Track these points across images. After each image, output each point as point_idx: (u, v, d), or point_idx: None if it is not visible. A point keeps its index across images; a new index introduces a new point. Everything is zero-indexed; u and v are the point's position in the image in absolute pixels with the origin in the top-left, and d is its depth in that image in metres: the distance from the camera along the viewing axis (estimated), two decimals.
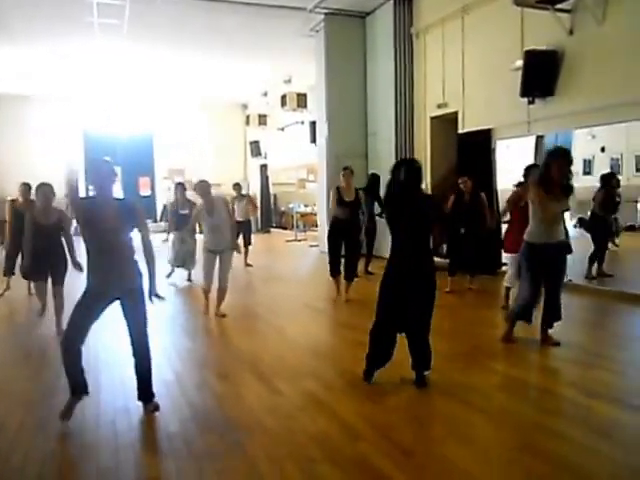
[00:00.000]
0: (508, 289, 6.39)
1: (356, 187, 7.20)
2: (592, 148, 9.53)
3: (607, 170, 8.69)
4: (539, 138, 8.58)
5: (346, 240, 7.05)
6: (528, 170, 6.14)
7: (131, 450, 3.23)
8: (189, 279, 8.89)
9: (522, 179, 6.11)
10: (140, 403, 3.72)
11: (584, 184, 8.06)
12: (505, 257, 7.15)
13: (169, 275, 8.87)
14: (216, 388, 4.22)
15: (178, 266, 8.86)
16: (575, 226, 8.07)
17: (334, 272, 7.14)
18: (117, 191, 3.65)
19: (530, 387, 4.28)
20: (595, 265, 7.77)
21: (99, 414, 3.68)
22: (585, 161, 9.66)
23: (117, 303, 3.58)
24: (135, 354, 3.64)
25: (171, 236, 8.92)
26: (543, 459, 2.96)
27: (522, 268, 5.10)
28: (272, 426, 3.47)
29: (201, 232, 6.82)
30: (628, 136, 8.36)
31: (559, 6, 7.13)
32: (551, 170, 4.65)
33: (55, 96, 17.36)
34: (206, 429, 3.46)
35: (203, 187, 6.34)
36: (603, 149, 9.47)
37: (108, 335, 4.98)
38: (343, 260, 7.16)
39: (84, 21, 10.22)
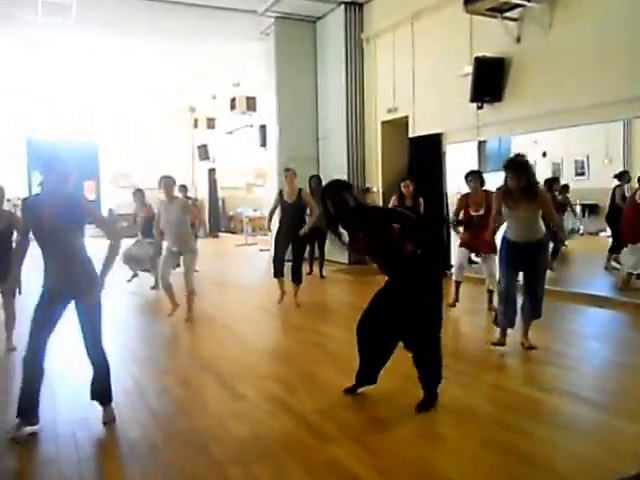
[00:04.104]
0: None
1: (300, 187, 7.23)
2: (534, 153, 9.88)
3: (549, 174, 9.01)
4: (481, 143, 8.83)
5: (292, 242, 7.07)
6: (467, 177, 6.36)
7: (93, 460, 3.12)
8: (155, 286, 8.36)
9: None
10: (99, 414, 3.55)
11: None
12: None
13: (130, 280, 8.72)
14: (178, 394, 4.11)
15: (130, 267, 8.60)
16: None
17: (277, 273, 7.13)
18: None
19: (484, 383, 4.36)
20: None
21: (56, 425, 3.51)
22: None
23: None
24: (91, 360, 3.52)
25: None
26: (507, 454, 3.02)
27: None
28: (238, 431, 3.40)
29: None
30: (567, 142, 8.68)
31: (507, 14, 7.37)
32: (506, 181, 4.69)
33: None
34: (170, 435, 3.36)
35: (167, 183, 6.37)
36: (545, 154, 9.83)
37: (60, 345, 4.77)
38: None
39: (25, 19, 9.76)
